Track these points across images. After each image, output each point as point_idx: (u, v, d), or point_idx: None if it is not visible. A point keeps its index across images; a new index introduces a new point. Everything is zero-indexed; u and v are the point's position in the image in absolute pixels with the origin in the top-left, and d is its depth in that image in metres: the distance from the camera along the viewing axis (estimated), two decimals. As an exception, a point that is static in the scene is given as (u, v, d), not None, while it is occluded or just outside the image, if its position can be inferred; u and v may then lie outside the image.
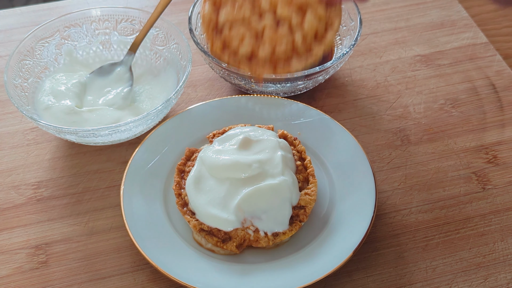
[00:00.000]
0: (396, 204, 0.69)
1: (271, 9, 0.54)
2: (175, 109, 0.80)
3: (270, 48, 0.53)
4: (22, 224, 0.68)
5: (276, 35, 0.53)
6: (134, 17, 0.82)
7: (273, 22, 0.54)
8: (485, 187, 0.71)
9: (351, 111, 0.79)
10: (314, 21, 0.54)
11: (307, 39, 0.54)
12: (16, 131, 0.78)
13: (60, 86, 0.76)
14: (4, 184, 0.72)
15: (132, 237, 0.61)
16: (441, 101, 0.81)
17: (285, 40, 0.53)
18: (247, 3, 0.54)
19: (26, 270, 0.64)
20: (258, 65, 0.53)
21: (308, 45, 0.54)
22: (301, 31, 0.54)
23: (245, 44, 0.54)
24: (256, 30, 0.54)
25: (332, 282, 0.62)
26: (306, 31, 0.54)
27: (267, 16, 0.54)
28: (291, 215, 0.62)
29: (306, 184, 0.65)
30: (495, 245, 0.65)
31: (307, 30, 0.54)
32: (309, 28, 0.54)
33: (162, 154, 0.70)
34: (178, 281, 0.58)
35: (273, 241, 0.61)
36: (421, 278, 0.63)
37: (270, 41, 0.53)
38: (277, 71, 0.53)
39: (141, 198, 0.65)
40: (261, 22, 0.54)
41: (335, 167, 0.69)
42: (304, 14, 0.54)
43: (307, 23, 0.54)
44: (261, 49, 0.53)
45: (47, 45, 0.80)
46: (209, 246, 0.62)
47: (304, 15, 0.54)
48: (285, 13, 0.54)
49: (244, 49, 0.54)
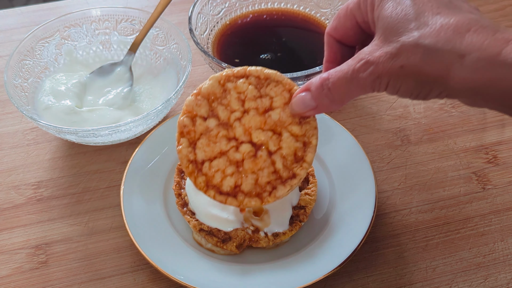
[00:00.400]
0: (396, 204, 0.69)
1: (246, 137, 0.55)
2: (175, 109, 0.80)
3: (253, 180, 0.55)
4: (22, 224, 0.68)
5: (256, 164, 0.54)
6: (134, 17, 0.82)
7: (251, 149, 0.55)
8: (485, 187, 0.71)
9: (351, 111, 0.79)
10: (291, 142, 0.55)
11: (288, 163, 0.55)
12: (16, 131, 0.78)
13: (60, 86, 0.76)
14: (4, 184, 0.72)
15: (132, 237, 0.61)
16: (441, 101, 0.81)
17: (266, 170, 0.54)
18: (221, 136, 0.55)
19: (26, 270, 0.64)
20: (244, 198, 0.54)
21: (290, 169, 0.55)
22: (280, 155, 0.55)
23: (227, 180, 0.55)
24: (236, 161, 0.55)
25: (332, 282, 0.62)
26: (285, 154, 0.55)
27: (244, 146, 0.55)
28: (291, 215, 0.62)
29: (306, 184, 0.65)
30: (495, 245, 0.65)
31: (286, 152, 0.54)
32: (287, 149, 0.54)
33: (162, 154, 0.70)
34: (178, 281, 0.58)
35: (273, 241, 0.61)
36: (421, 278, 0.63)
37: (251, 172, 0.55)
38: (264, 201, 0.54)
39: (141, 198, 0.65)
40: (239, 152, 0.55)
41: (335, 167, 0.69)
42: (280, 136, 0.55)
43: (285, 144, 0.54)
44: (243, 183, 0.54)
45: (47, 45, 0.80)
46: (209, 246, 0.62)
47: (280, 137, 0.55)
48: (261, 139, 0.55)
49: (227, 185, 0.55)
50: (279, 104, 0.55)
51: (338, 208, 0.65)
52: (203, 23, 0.83)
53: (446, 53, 0.40)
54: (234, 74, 0.56)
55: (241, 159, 0.55)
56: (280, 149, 0.55)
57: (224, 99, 0.56)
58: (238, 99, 0.56)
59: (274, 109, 0.55)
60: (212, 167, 0.55)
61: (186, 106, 0.56)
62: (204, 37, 0.82)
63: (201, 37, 0.81)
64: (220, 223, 0.61)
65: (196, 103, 0.56)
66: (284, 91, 0.55)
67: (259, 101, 0.56)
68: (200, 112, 0.56)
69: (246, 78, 0.56)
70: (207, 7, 0.83)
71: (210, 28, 0.84)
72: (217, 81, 0.56)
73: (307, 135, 0.55)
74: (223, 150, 0.55)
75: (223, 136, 0.55)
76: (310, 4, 0.86)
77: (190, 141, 0.56)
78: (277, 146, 0.55)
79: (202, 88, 0.56)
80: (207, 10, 0.83)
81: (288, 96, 0.55)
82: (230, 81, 0.56)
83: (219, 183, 0.55)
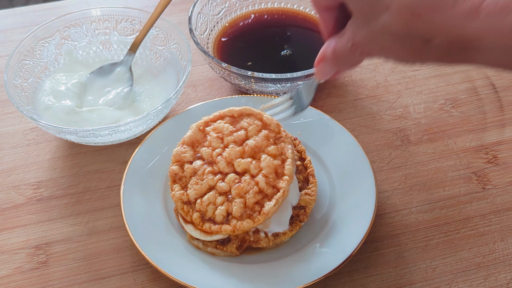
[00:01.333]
0: (396, 204, 0.69)
1: (230, 168, 0.61)
2: (175, 109, 0.80)
3: (242, 204, 0.59)
4: (22, 224, 0.68)
5: (242, 189, 0.60)
6: (134, 17, 0.82)
7: (236, 177, 0.61)
8: (485, 187, 0.71)
9: (351, 111, 0.79)
10: (270, 161, 0.61)
11: (270, 180, 0.60)
12: (16, 131, 0.78)
13: (60, 86, 0.76)
14: (4, 184, 0.72)
15: (132, 237, 0.61)
16: (441, 101, 0.81)
17: (251, 192, 0.59)
18: (208, 172, 0.62)
19: (26, 270, 0.64)
20: (236, 223, 0.59)
21: (273, 185, 0.60)
22: (262, 175, 0.60)
23: (219, 210, 0.60)
24: (224, 191, 0.61)
25: (332, 282, 0.62)
26: (266, 173, 0.60)
27: (229, 176, 0.61)
28: (291, 215, 0.62)
29: (306, 184, 0.65)
30: (495, 245, 0.65)
31: (267, 171, 0.60)
32: (267, 168, 0.60)
33: (162, 154, 0.70)
34: (178, 281, 0.58)
35: (273, 242, 0.61)
36: (421, 278, 0.63)
37: (239, 197, 0.60)
38: (256, 222, 0.59)
39: (141, 198, 0.65)
40: (225, 182, 0.61)
41: (335, 167, 0.69)
42: (259, 160, 0.61)
43: (264, 164, 0.60)
44: (234, 209, 0.59)
45: (47, 45, 0.80)
46: (209, 250, 0.62)
47: (259, 161, 0.61)
48: (243, 167, 0.61)
49: (220, 214, 0.60)
50: (253, 132, 0.63)
51: (338, 208, 0.65)
52: (203, 23, 0.83)
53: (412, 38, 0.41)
54: (211, 119, 0.65)
55: (228, 188, 0.61)
56: (261, 170, 0.61)
57: (206, 141, 0.64)
58: (217, 138, 0.63)
59: (250, 137, 0.63)
60: (204, 202, 0.61)
61: (173, 156, 0.64)
62: (204, 37, 0.82)
63: (201, 37, 0.81)
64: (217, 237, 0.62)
65: (182, 152, 0.64)
66: (255, 120, 0.64)
67: (236, 135, 0.63)
68: (186, 158, 0.63)
69: (222, 119, 0.65)
70: (207, 7, 0.83)
71: (210, 28, 0.84)
72: (197, 128, 0.64)
73: (283, 152, 0.62)
74: (211, 185, 0.61)
75: (209, 172, 0.62)
76: (310, 4, 0.86)
77: (182, 186, 0.63)
78: (258, 169, 0.61)
79: (185, 138, 0.64)
80: (207, 10, 0.83)
81: (260, 124, 0.63)
82: (208, 125, 0.65)
83: (212, 215, 0.60)
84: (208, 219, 0.60)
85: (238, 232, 0.59)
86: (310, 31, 0.86)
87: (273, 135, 0.63)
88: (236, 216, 0.59)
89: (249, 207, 0.59)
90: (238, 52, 0.83)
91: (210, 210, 0.60)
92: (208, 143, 0.64)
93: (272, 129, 0.63)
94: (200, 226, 0.60)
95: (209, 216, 0.60)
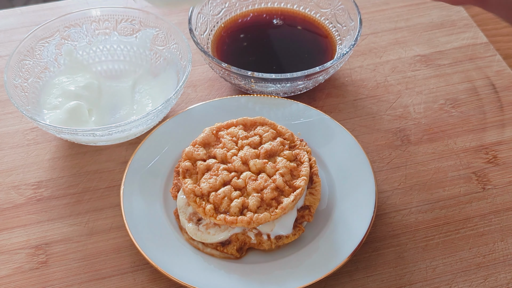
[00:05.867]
0: (396, 204, 0.69)
1: (245, 167, 0.62)
2: (175, 109, 0.80)
3: (259, 198, 0.59)
4: (22, 224, 0.68)
5: (259, 185, 0.60)
6: (134, 17, 0.82)
7: (251, 175, 0.61)
8: (485, 187, 0.71)
9: (351, 111, 0.79)
10: (286, 163, 0.62)
11: (287, 179, 0.61)
12: (16, 131, 0.78)
13: (69, 86, 0.76)
14: (4, 184, 0.72)
15: (132, 237, 0.61)
16: (441, 101, 0.81)
17: (269, 188, 0.59)
18: (222, 169, 0.61)
19: (26, 270, 0.64)
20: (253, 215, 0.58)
21: (290, 184, 0.61)
22: (279, 174, 0.61)
23: (235, 203, 0.59)
24: (239, 186, 0.60)
25: (332, 282, 0.62)
26: (283, 172, 0.61)
27: (245, 173, 0.61)
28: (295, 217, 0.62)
29: (310, 184, 0.65)
30: (495, 245, 0.65)
31: (284, 171, 0.61)
32: (284, 169, 0.61)
33: (162, 154, 0.70)
34: (178, 281, 0.58)
35: (275, 244, 0.61)
36: (421, 278, 0.63)
37: (256, 192, 0.60)
38: (272, 216, 0.59)
39: (141, 198, 0.65)
40: (241, 179, 0.61)
41: (335, 167, 0.69)
42: (275, 161, 0.62)
43: (281, 165, 0.61)
44: (250, 203, 0.59)
45: (47, 45, 0.80)
46: (208, 251, 0.62)
47: (276, 162, 0.62)
48: (259, 167, 0.61)
49: (235, 206, 0.59)
50: (268, 138, 0.64)
51: (338, 208, 0.65)
52: (203, 23, 0.83)
53: None
54: (224, 125, 0.66)
55: (244, 184, 0.60)
56: (277, 170, 0.61)
57: (220, 143, 0.64)
58: (232, 140, 0.64)
59: (265, 143, 0.64)
60: (219, 195, 0.60)
61: (185, 154, 0.64)
62: (204, 37, 0.82)
63: (201, 37, 0.81)
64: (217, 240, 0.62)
65: (195, 150, 0.64)
66: (270, 129, 0.65)
67: (251, 139, 0.64)
68: (199, 156, 0.63)
69: (235, 126, 0.66)
70: (207, 7, 0.83)
71: (210, 28, 0.84)
72: (211, 131, 0.65)
73: (298, 157, 0.63)
74: (226, 180, 0.61)
75: (224, 169, 0.62)
76: (310, 4, 0.86)
77: (194, 181, 0.62)
78: (275, 169, 0.61)
79: (198, 139, 0.64)
80: (207, 10, 0.83)
81: (275, 132, 0.65)
82: (221, 130, 0.66)
83: (227, 207, 0.59)
84: (222, 211, 0.59)
85: (254, 224, 0.58)
86: (310, 31, 0.86)
87: (287, 142, 0.65)
88: (252, 209, 0.59)
89: (265, 202, 0.59)
90: (238, 52, 0.83)
91: (225, 203, 0.59)
92: (222, 144, 0.64)
93: (287, 138, 0.65)
94: (214, 218, 0.59)
95: (224, 208, 0.59)
